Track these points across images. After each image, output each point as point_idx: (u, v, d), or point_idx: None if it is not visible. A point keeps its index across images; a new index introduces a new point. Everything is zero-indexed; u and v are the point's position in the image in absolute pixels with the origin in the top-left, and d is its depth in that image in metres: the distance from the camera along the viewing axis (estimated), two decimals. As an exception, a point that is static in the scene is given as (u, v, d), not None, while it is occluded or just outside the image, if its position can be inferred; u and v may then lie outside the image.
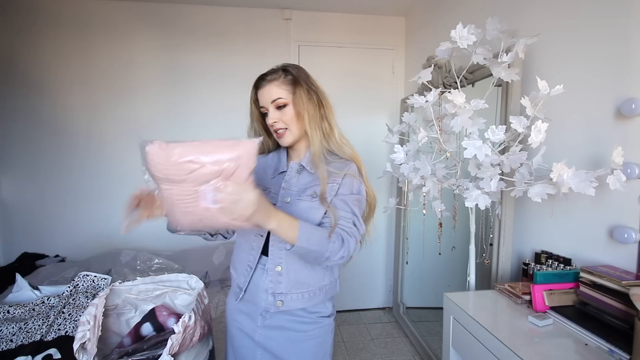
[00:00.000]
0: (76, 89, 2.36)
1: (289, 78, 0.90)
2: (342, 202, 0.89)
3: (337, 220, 0.86)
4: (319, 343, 0.97)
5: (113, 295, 1.19)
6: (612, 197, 1.06)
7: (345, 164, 0.92)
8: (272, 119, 0.90)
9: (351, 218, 0.89)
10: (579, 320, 0.98)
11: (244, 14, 2.49)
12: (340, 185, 0.90)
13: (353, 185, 0.91)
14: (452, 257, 1.71)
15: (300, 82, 0.90)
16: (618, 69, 1.06)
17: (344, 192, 0.90)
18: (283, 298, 0.91)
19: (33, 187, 2.37)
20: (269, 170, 0.99)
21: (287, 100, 0.89)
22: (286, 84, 0.90)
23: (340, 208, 0.89)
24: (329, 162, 0.92)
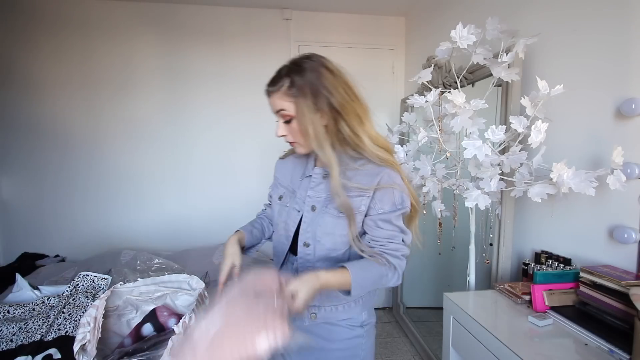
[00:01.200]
0: (76, 88, 2.36)
1: (293, 89, 0.77)
2: (386, 221, 0.81)
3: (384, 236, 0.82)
4: (348, 356, 0.89)
5: (114, 296, 1.19)
6: (612, 197, 1.06)
7: (377, 171, 0.81)
8: (279, 132, 0.83)
9: (400, 236, 0.83)
10: (579, 320, 0.98)
11: (243, 14, 2.49)
12: (375, 200, 0.81)
13: (394, 198, 0.81)
14: (452, 257, 1.72)
15: (305, 90, 0.77)
16: (618, 69, 1.06)
17: (386, 208, 0.81)
18: (317, 311, 0.87)
19: (33, 187, 2.37)
20: (299, 170, 0.93)
21: (291, 113, 0.79)
22: (289, 95, 0.78)
23: (386, 228, 0.81)
24: (355, 170, 0.82)
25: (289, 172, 0.96)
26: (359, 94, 0.83)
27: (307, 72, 0.78)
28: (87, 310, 1.06)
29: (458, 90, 1.11)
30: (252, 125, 2.53)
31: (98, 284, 1.66)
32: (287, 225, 0.90)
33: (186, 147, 2.50)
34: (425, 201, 1.46)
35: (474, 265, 1.42)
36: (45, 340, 1.27)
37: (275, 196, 0.97)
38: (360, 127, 0.80)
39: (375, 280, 0.79)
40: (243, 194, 2.51)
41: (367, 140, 0.80)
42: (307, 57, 0.81)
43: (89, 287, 1.63)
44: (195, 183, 2.53)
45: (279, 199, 0.94)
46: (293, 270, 0.89)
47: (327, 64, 0.81)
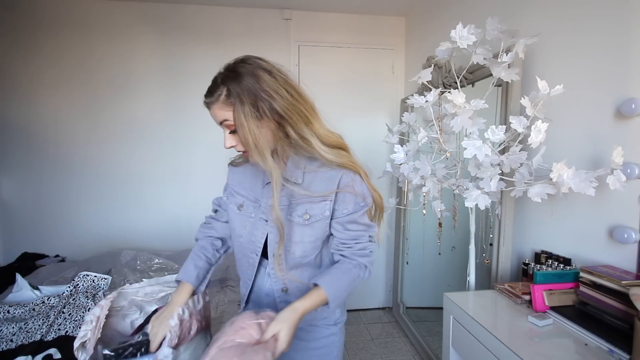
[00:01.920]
0: (76, 88, 2.36)
1: (230, 98, 0.73)
2: (352, 222, 0.82)
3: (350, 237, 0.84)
4: (324, 354, 0.91)
5: (120, 297, 1.20)
6: (612, 197, 1.06)
7: (335, 173, 0.80)
8: (228, 143, 0.78)
9: (366, 235, 0.85)
10: (578, 320, 0.98)
11: (244, 14, 2.49)
12: (338, 202, 0.81)
13: (356, 197, 0.81)
14: (452, 257, 1.72)
15: (242, 98, 0.71)
16: (618, 69, 1.06)
17: (350, 208, 0.81)
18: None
19: (33, 187, 2.37)
20: (259, 177, 0.89)
21: (234, 123, 0.74)
22: (227, 105, 0.73)
23: (353, 229, 0.83)
24: (314, 172, 0.80)
25: (247, 179, 0.90)
26: (302, 92, 0.78)
27: (244, 78, 0.72)
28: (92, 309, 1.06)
29: (458, 90, 1.11)
30: (252, 125, 2.53)
31: (98, 284, 1.66)
32: (254, 236, 0.86)
33: (186, 147, 2.50)
34: (425, 201, 1.46)
35: (474, 265, 1.42)
36: (45, 340, 1.27)
37: (232, 206, 0.90)
38: (308, 128, 0.77)
39: (348, 285, 0.81)
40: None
41: (316, 143, 0.77)
42: (243, 61, 0.76)
43: (89, 287, 1.63)
44: (195, 183, 2.53)
45: (237, 208, 0.89)
46: (267, 276, 0.89)
47: (265, 65, 0.76)
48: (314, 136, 0.77)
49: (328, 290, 0.77)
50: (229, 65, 0.77)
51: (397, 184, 1.78)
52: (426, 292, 2.49)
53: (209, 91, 0.77)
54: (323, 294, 0.76)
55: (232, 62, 0.77)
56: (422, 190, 1.41)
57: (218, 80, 0.76)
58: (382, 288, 2.78)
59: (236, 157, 0.96)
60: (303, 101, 0.77)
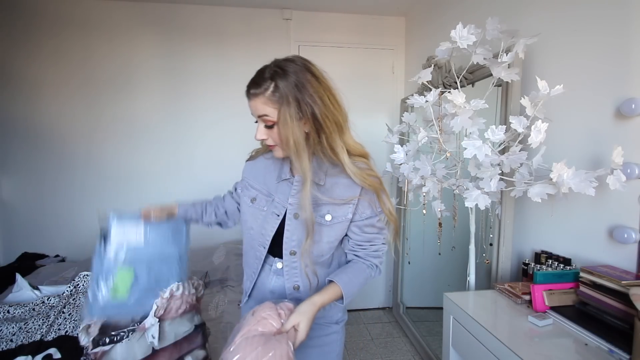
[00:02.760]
0: (76, 88, 2.36)
1: (277, 95, 0.74)
2: (369, 226, 0.86)
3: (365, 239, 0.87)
4: (324, 352, 0.93)
5: None
6: (612, 197, 1.06)
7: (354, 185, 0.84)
8: (259, 135, 0.80)
9: (380, 237, 0.89)
10: (578, 320, 0.98)
11: (244, 14, 2.49)
12: (359, 206, 0.84)
13: (373, 204, 0.84)
14: (452, 257, 1.72)
15: (289, 98, 0.73)
16: (618, 69, 1.06)
17: (368, 213, 0.85)
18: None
19: (33, 187, 2.37)
20: (273, 173, 0.90)
21: (273, 119, 0.76)
22: (273, 102, 0.74)
23: (369, 232, 0.86)
24: (335, 177, 0.83)
25: (260, 173, 0.92)
26: (341, 100, 0.80)
27: (292, 77, 0.74)
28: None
29: (458, 90, 1.11)
30: (252, 125, 2.52)
31: (98, 284, 1.66)
32: (265, 229, 0.87)
33: (186, 147, 2.51)
34: (425, 201, 1.46)
35: (474, 265, 1.42)
36: (45, 340, 1.27)
37: (246, 198, 0.93)
38: (340, 139, 0.79)
39: (361, 284, 0.86)
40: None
41: (344, 157, 0.79)
42: (292, 61, 0.77)
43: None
44: (195, 183, 2.53)
45: (250, 201, 0.91)
46: (273, 273, 0.90)
47: (312, 68, 0.78)
48: (343, 149, 0.79)
49: (344, 288, 0.80)
50: (278, 61, 0.78)
51: (397, 184, 1.78)
52: (426, 292, 2.49)
53: (255, 83, 0.77)
54: (338, 290, 0.80)
55: (282, 59, 0.78)
56: (422, 190, 1.41)
57: (266, 74, 0.76)
58: (382, 288, 2.78)
59: (252, 152, 0.99)
60: (340, 110, 0.79)
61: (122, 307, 0.83)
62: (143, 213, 0.92)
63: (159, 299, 1.00)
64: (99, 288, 0.81)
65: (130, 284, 0.84)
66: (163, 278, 0.89)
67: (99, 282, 0.81)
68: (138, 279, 0.85)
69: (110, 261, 0.83)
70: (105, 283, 0.82)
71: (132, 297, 0.84)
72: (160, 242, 0.91)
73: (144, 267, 0.86)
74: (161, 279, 0.88)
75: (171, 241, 0.94)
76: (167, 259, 0.91)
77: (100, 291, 0.81)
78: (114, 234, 0.85)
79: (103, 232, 0.86)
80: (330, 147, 0.79)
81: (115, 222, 0.87)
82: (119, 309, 0.83)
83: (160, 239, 0.92)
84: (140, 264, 0.86)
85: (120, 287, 0.83)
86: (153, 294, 0.86)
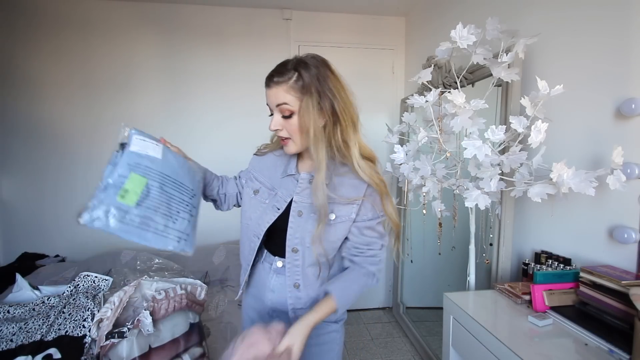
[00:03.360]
0: (76, 88, 2.36)
1: (300, 83, 0.76)
2: (369, 228, 0.85)
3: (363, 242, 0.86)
4: (323, 350, 0.93)
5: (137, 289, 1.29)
6: (612, 197, 1.06)
7: (362, 182, 0.84)
8: (274, 125, 0.80)
9: (379, 242, 0.87)
10: (578, 320, 0.98)
11: (244, 14, 2.49)
12: (361, 207, 0.84)
13: (376, 207, 0.84)
14: (452, 257, 1.71)
15: (311, 89, 0.76)
16: (618, 69, 1.06)
17: (369, 215, 0.84)
18: (299, 313, 0.88)
19: (33, 187, 2.37)
20: (279, 168, 0.92)
21: (294, 109, 0.77)
22: (295, 90, 0.76)
23: (368, 235, 0.85)
24: (342, 176, 0.83)
25: (266, 168, 0.94)
26: (354, 100, 0.83)
27: (313, 69, 0.77)
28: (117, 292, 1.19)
29: (458, 90, 1.11)
30: (252, 125, 2.53)
31: (98, 284, 1.66)
32: (262, 220, 0.88)
33: (186, 146, 2.48)
34: (425, 201, 1.46)
35: (474, 265, 1.42)
36: (45, 340, 1.27)
37: (248, 189, 0.95)
38: (354, 135, 0.81)
39: (357, 292, 0.85)
40: (243, 194, 2.51)
41: (355, 152, 0.81)
42: (312, 56, 0.81)
43: (89, 287, 1.63)
44: (195, 183, 2.53)
45: (253, 193, 0.93)
46: (273, 272, 0.90)
47: (330, 66, 0.81)
48: (356, 145, 0.81)
49: (338, 298, 0.80)
50: (298, 56, 0.81)
51: (397, 184, 1.78)
52: (426, 292, 2.49)
53: (278, 72, 0.78)
54: (333, 302, 0.79)
55: (303, 55, 0.81)
56: (422, 190, 1.41)
57: (289, 65, 0.78)
58: (382, 288, 2.78)
59: (262, 147, 1.00)
60: (354, 109, 0.82)
61: (126, 214, 0.73)
62: (161, 139, 0.87)
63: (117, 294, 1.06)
64: (107, 190, 0.72)
65: (140, 191, 0.73)
66: (173, 204, 0.79)
67: (106, 185, 0.72)
68: (150, 192, 0.75)
69: (125, 165, 0.74)
70: (115, 185, 0.72)
71: (139, 209, 0.73)
72: (177, 167, 0.83)
73: (156, 184, 0.76)
74: (172, 205, 0.78)
75: (187, 174, 0.86)
76: (180, 187, 0.81)
77: (106, 192, 0.72)
78: (134, 143, 0.78)
79: (122, 143, 0.79)
80: (343, 141, 0.80)
81: (136, 133, 0.80)
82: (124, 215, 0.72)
83: (177, 165, 0.84)
84: (154, 178, 0.77)
85: (130, 191, 0.73)
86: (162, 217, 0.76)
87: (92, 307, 1.41)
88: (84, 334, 1.29)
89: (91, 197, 0.72)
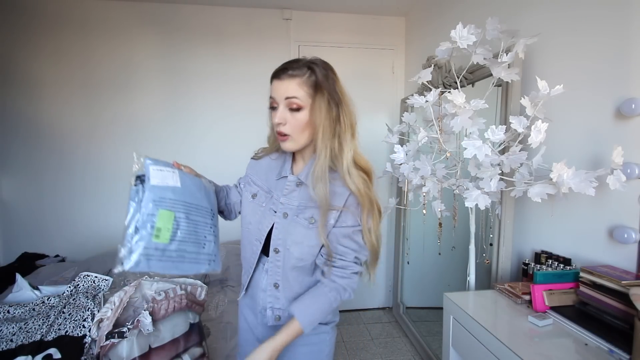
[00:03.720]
0: (76, 88, 2.36)
1: (312, 80, 0.78)
2: (346, 237, 0.83)
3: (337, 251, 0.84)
4: (313, 351, 0.94)
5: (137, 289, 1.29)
6: (612, 197, 1.06)
7: (346, 190, 0.82)
8: (279, 118, 0.79)
9: (353, 254, 0.84)
10: (578, 320, 0.98)
11: (244, 14, 2.49)
12: (343, 213, 0.82)
13: (357, 217, 0.82)
14: (452, 257, 1.71)
15: (322, 88, 0.78)
16: (618, 69, 1.06)
17: (349, 223, 0.82)
18: (281, 314, 0.89)
19: (33, 187, 2.37)
20: (274, 170, 0.93)
21: (302, 104, 0.78)
22: (308, 86, 0.78)
23: (343, 244, 0.83)
24: (331, 181, 0.81)
25: (263, 171, 0.95)
26: (354, 109, 0.84)
27: (324, 71, 0.80)
28: (118, 292, 1.20)
29: (458, 90, 1.11)
30: (252, 125, 2.53)
31: (99, 284, 1.66)
32: (262, 225, 0.88)
33: (186, 146, 2.50)
34: (425, 201, 1.46)
35: (474, 265, 1.42)
36: (45, 340, 1.27)
37: (247, 193, 0.95)
38: (350, 141, 0.81)
39: (324, 310, 0.84)
40: (243, 194, 2.51)
41: (349, 156, 0.80)
42: (320, 60, 0.83)
43: (89, 287, 1.63)
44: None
45: (251, 197, 0.93)
46: (265, 272, 0.91)
47: (334, 70, 0.83)
48: (350, 150, 0.81)
49: (302, 320, 0.81)
50: (307, 57, 0.83)
51: (397, 184, 1.78)
52: (426, 292, 2.49)
53: (292, 66, 0.79)
54: (296, 323, 0.80)
55: (311, 57, 0.83)
56: (422, 190, 1.41)
57: (301, 62, 0.80)
58: (382, 288, 2.78)
59: (259, 151, 1.01)
60: (353, 116, 0.83)
61: (164, 252, 0.74)
62: (174, 163, 0.87)
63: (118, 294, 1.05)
64: (138, 231, 0.72)
65: (171, 227, 0.75)
66: (200, 230, 0.81)
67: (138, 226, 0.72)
68: (179, 224, 0.77)
69: (150, 202, 0.75)
70: (145, 225, 0.73)
71: (174, 244, 0.75)
72: (195, 191, 0.84)
73: (183, 215, 0.78)
74: (198, 231, 0.81)
75: (204, 195, 0.87)
76: (202, 211, 0.83)
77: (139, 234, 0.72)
78: (153, 175, 0.78)
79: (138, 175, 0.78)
80: (339, 144, 0.80)
81: (152, 163, 0.80)
82: (162, 253, 0.74)
83: (195, 188, 0.85)
84: (180, 209, 0.78)
85: (162, 228, 0.74)
86: (193, 246, 0.78)
87: (92, 307, 1.41)
88: (84, 334, 1.29)
89: (124, 242, 0.73)
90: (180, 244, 0.77)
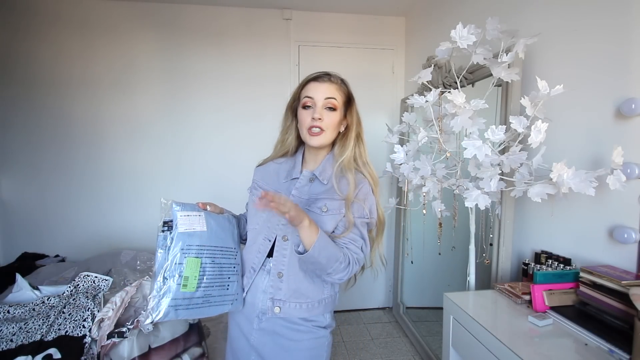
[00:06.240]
0: (76, 88, 2.36)
1: (344, 89, 0.96)
2: (355, 226, 0.92)
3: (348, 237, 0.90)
4: (312, 355, 0.95)
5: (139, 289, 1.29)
6: (612, 197, 1.06)
7: (359, 182, 0.93)
8: (319, 114, 0.90)
9: (360, 242, 0.92)
10: (578, 320, 0.98)
11: (244, 14, 2.49)
12: (355, 204, 0.92)
13: (364, 208, 0.92)
14: (452, 257, 1.71)
15: (351, 97, 0.97)
16: (618, 68, 1.06)
17: (356, 214, 0.91)
18: (281, 305, 0.90)
19: (33, 187, 2.37)
20: (282, 174, 1.00)
21: (338, 105, 0.93)
22: (341, 93, 0.94)
23: (353, 232, 0.91)
24: (339, 177, 0.93)
25: (270, 175, 1.01)
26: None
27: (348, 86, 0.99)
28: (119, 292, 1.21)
29: (458, 90, 1.11)
30: (253, 125, 2.53)
31: (99, 285, 1.66)
32: (271, 223, 0.93)
33: (186, 146, 2.50)
34: (425, 201, 1.46)
35: (474, 265, 1.42)
36: (46, 340, 1.27)
37: (253, 197, 1.01)
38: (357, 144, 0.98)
39: (330, 257, 0.84)
40: (243, 194, 2.50)
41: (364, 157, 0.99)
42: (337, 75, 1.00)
43: (89, 287, 1.63)
44: (194, 183, 2.53)
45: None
46: (266, 273, 0.92)
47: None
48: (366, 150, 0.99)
49: (320, 237, 0.82)
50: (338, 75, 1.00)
51: (397, 184, 1.78)
52: (426, 292, 2.49)
53: (329, 74, 0.96)
54: (315, 234, 0.81)
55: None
56: (422, 190, 1.41)
57: (333, 74, 0.96)
58: (382, 288, 2.78)
59: (263, 161, 1.08)
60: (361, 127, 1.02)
61: (191, 301, 0.78)
62: (199, 204, 0.92)
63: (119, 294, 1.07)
64: (167, 281, 0.75)
65: (198, 274, 0.79)
66: (224, 273, 0.85)
67: (166, 276, 0.76)
68: (205, 270, 0.80)
69: (178, 251, 0.78)
70: (173, 274, 0.76)
71: (200, 291, 0.79)
72: (219, 232, 0.88)
73: (209, 260, 0.82)
74: (223, 274, 0.85)
75: (228, 234, 0.91)
76: (227, 252, 0.88)
77: (167, 284, 0.75)
78: (180, 222, 0.81)
79: (166, 221, 0.82)
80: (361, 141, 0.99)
81: (179, 210, 0.83)
82: (189, 302, 0.77)
83: (219, 229, 0.89)
84: (206, 255, 0.82)
85: (189, 277, 0.78)
86: (218, 289, 0.82)
87: (92, 307, 1.41)
88: (84, 334, 1.29)
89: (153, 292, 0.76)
90: (206, 290, 0.81)
